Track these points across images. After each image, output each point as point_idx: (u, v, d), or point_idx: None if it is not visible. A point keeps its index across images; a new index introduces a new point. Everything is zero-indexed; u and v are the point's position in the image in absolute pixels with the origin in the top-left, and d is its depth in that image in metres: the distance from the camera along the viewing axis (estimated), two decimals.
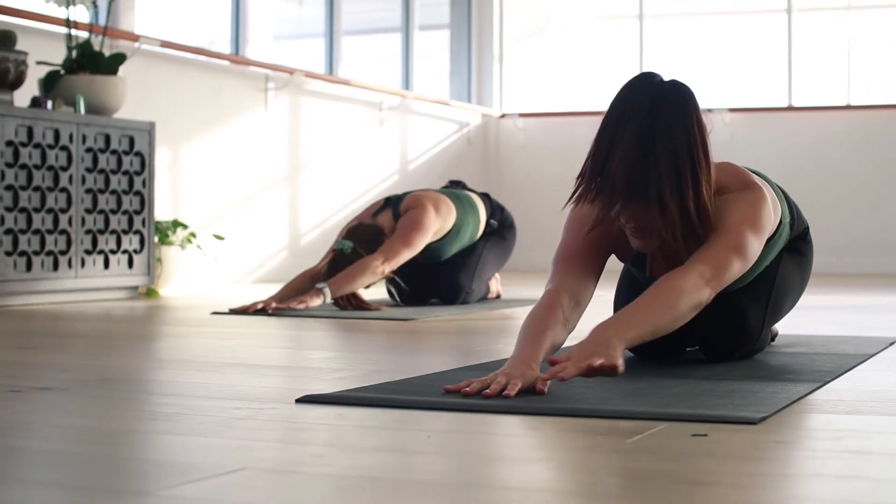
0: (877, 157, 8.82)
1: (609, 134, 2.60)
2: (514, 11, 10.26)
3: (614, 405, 2.27)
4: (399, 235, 5.08)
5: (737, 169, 2.85)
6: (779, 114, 9.28)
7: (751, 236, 2.69)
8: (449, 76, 10.16)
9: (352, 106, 8.42)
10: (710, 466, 1.76)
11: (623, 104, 2.62)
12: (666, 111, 2.59)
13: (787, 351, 3.29)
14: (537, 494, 1.57)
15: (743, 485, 1.62)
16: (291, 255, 7.77)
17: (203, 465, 1.73)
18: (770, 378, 2.72)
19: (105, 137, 5.54)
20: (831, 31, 9.44)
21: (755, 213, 2.73)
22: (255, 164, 7.47)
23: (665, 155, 2.56)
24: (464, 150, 9.78)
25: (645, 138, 2.57)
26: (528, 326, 2.58)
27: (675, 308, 2.52)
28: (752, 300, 3.05)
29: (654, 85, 2.65)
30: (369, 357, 3.29)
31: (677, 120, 2.59)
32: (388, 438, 2.01)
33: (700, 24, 9.84)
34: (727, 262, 2.62)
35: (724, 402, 2.32)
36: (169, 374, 2.92)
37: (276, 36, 8.11)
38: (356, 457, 1.82)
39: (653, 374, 2.78)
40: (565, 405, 2.26)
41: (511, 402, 2.27)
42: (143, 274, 5.75)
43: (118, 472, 1.70)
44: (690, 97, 2.65)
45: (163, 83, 6.68)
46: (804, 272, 3.20)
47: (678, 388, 2.54)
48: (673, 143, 2.57)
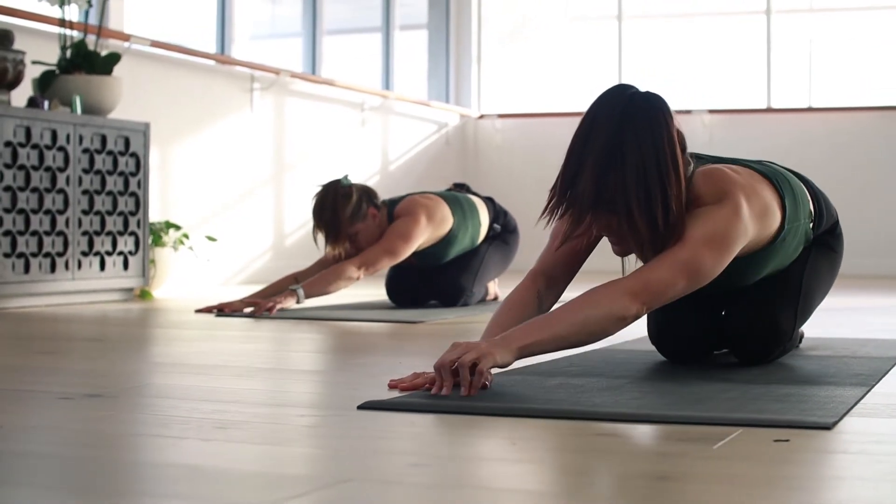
0: (855, 158, 8.88)
1: (578, 148, 2.59)
2: (493, 12, 10.26)
3: (683, 410, 2.27)
4: (383, 243, 5.06)
5: (722, 176, 2.78)
6: (757, 115, 9.33)
7: (706, 255, 2.65)
8: (427, 77, 10.14)
9: (334, 106, 8.40)
10: (804, 471, 1.76)
11: (593, 118, 2.61)
12: (635, 124, 2.57)
13: (814, 354, 3.30)
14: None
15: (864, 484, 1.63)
16: (276, 257, 7.73)
17: (310, 476, 1.72)
18: (813, 382, 2.72)
19: (101, 138, 5.49)
20: (809, 33, 9.49)
21: (719, 230, 2.68)
22: (242, 165, 7.43)
23: (633, 169, 2.55)
24: (442, 150, 9.77)
25: (613, 153, 2.55)
26: (496, 315, 2.76)
27: (582, 320, 2.51)
28: (782, 300, 3.05)
29: (625, 98, 2.62)
30: (397, 361, 3.27)
31: (646, 133, 2.57)
32: (474, 446, 2.00)
33: (679, 26, 9.88)
34: (667, 279, 2.60)
35: (788, 407, 2.32)
36: (207, 380, 2.89)
37: (253, 36, 8.06)
38: (455, 466, 1.80)
39: (696, 378, 2.78)
40: (629, 410, 2.26)
41: (580, 407, 2.28)
42: (138, 276, 5.70)
43: (236, 484, 1.67)
44: (661, 109, 2.62)
45: (151, 83, 6.63)
46: (833, 266, 3.19)
47: (730, 392, 2.54)
48: (641, 156, 2.55)
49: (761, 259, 2.93)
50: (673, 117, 2.64)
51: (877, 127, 8.97)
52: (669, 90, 9.72)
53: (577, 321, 2.51)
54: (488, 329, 2.75)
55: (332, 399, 2.56)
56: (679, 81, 9.80)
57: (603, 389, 2.57)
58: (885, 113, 8.98)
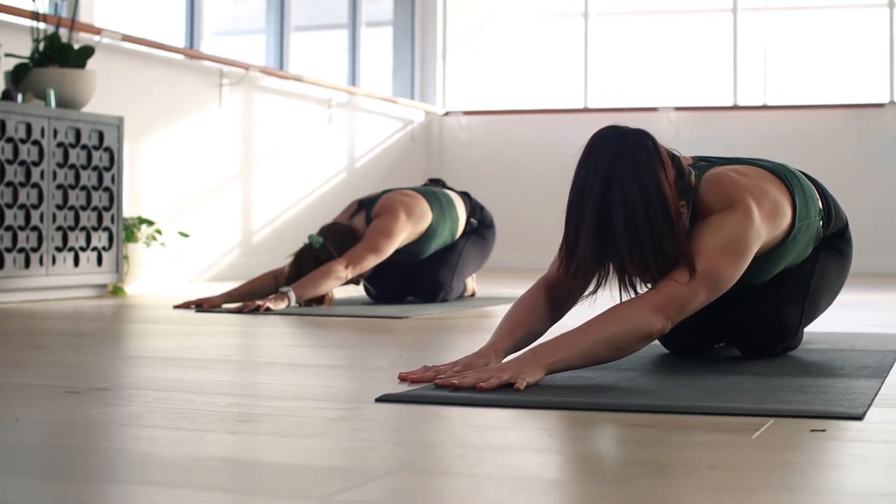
0: (822, 156, 8.92)
1: (574, 214, 2.61)
2: (458, 9, 10.23)
3: (709, 402, 2.26)
4: (366, 241, 5.03)
5: (729, 183, 2.79)
6: (724, 112, 9.36)
7: (724, 263, 2.66)
8: (392, 74, 10.10)
9: (302, 103, 8.34)
10: (848, 460, 1.74)
11: (584, 179, 2.60)
12: (622, 179, 2.55)
13: (813, 348, 3.29)
14: (721, 492, 1.54)
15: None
16: (244, 254, 7.67)
17: (359, 468, 1.68)
18: (825, 374, 2.72)
19: (76, 132, 5.42)
20: (777, 30, 9.53)
21: (733, 237, 2.69)
22: (211, 161, 7.36)
23: (622, 230, 2.54)
24: (408, 147, 9.74)
25: (603, 216, 2.56)
26: (506, 316, 2.74)
27: (609, 338, 2.50)
28: (789, 298, 3.05)
29: (611, 152, 2.59)
30: (397, 354, 3.24)
31: (632, 186, 2.55)
32: (511, 437, 1.97)
33: (646, 23, 9.89)
34: (688, 292, 2.60)
35: (811, 398, 2.31)
36: (211, 374, 2.85)
37: (216, 32, 7.98)
38: (498, 457, 1.78)
39: (707, 371, 2.77)
40: (655, 401, 2.25)
41: (609, 399, 2.28)
42: (111, 272, 5.63)
43: (289, 477, 1.64)
44: (646, 153, 2.59)
45: (121, 77, 6.55)
46: (842, 270, 3.19)
47: (746, 384, 2.53)
48: (631, 212, 2.54)
49: (774, 258, 2.92)
50: (660, 155, 2.61)
51: (844, 125, 9.02)
52: (635, 88, 9.74)
53: (604, 338, 2.50)
54: (500, 328, 2.72)
55: (346, 392, 2.53)
56: (645, 79, 9.81)
57: (616, 382, 2.55)
58: (851, 111, 9.03)
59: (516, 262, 9.03)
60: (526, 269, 8.87)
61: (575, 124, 9.59)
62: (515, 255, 8.97)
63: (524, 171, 9.66)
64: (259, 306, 4.64)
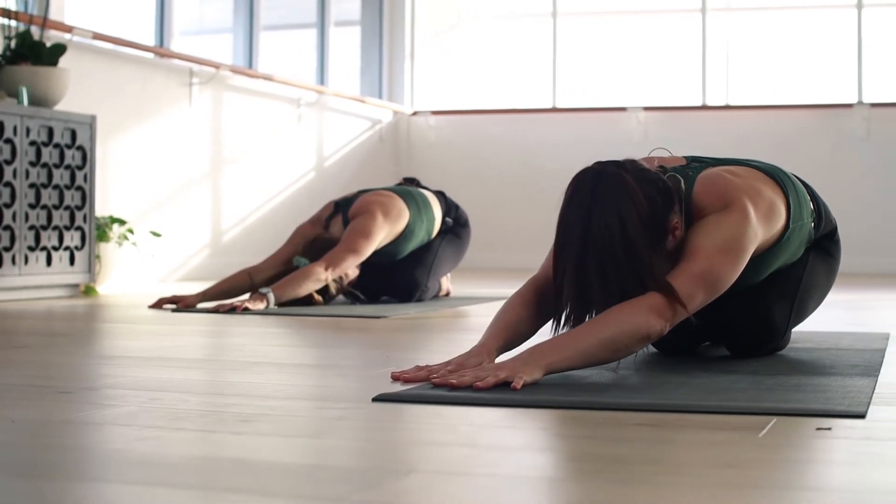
0: (793, 156, 8.95)
1: (559, 263, 2.61)
2: (426, 8, 10.21)
3: (709, 401, 2.26)
4: (345, 243, 5.01)
5: (723, 184, 2.80)
6: (693, 112, 9.38)
7: (721, 264, 2.67)
8: (360, 73, 10.07)
9: (271, 102, 8.30)
10: (859, 458, 1.74)
11: (564, 231, 2.60)
12: (599, 234, 2.55)
13: (799, 346, 3.30)
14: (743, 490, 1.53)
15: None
16: (214, 253, 7.63)
17: (371, 468, 1.67)
18: (817, 373, 2.72)
19: (48, 130, 5.37)
20: (748, 30, 9.57)
21: (730, 237, 2.70)
22: (181, 160, 7.31)
23: (599, 281, 2.55)
24: (376, 147, 9.71)
25: (581, 268, 2.56)
26: (497, 315, 2.74)
27: (608, 339, 2.50)
28: (778, 298, 3.05)
29: (588, 196, 2.59)
30: (383, 354, 3.22)
31: (606, 239, 2.55)
32: (518, 438, 1.96)
33: (614, 23, 9.90)
34: (686, 294, 2.60)
35: (809, 397, 2.32)
36: (199, 373, 2.82)
37: (183, 32, 7.92)
38: (512, 457, 1.76)
39: (699, 370, 2.77)
40: (656, 400, 2.25)
41: (609, 398, 2.27)
42: (84, 271, 5.58)
43: (304, 478, 1.62)
44: (623, 188, 2.59)
45: (92, 75, 6.50)
46: (831, 272, 3.20)
47: (741, 383, 2.53)
48: (611, 258, 2.54)
49: (768, 258, 2.93)
50: (637, 191, 2.60)
51: (813, 125, 9.06)
52: (604, 88, 9.75)
53: (603, 340, 2.49)
54: (492, 327, 2.72)
55: (340, 392, 2.51)
56: (614, 79, 9.82)
57: (612, 381, 2.54)
58: (820, 111, 9.07)
59: (484, 261, 9.02)
60: (495, 269, 8.87)
61: (543, 124, 9.60)
62: (483, 255, 8.96)
63: (492, 171, 9.65)
64: (237, 307, 4.60)
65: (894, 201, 8.89)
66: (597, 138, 9.39)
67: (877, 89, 9.12)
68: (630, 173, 2.64)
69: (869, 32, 9.17)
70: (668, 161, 2.97)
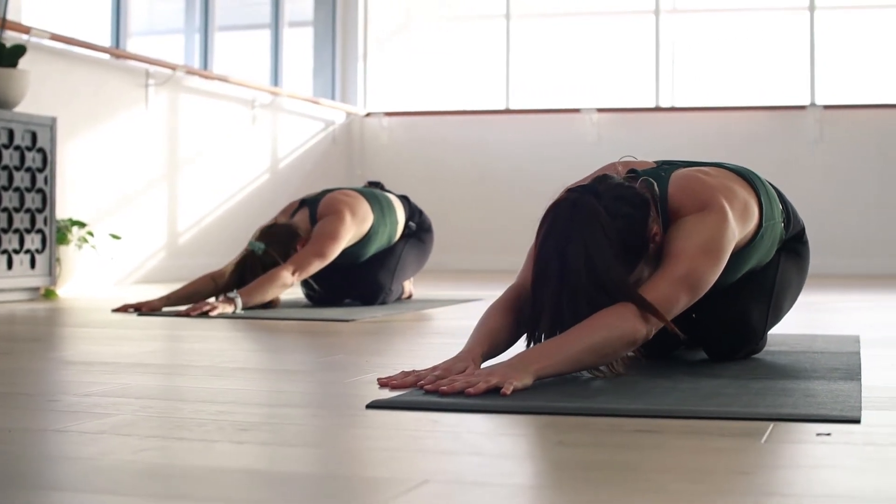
0: (746, 158, 8.97)
1: (537, 293, 2.61)
2: (379, 9, 10.19)
3: (703, 406, 2.27)
4: (312, 245, 5.00)
5: (699, 185, 2.83)
6: (646, 114, 9.43)
7: (703, 265, 2.69)
8: (313, 74, 10.04)
9: (226, 104, 8.26)
10: (871, 464, 1.76)
11: (541, 267, 2.60)
12: (574, 275, 2.56)
13: (775, 350, 3.32)
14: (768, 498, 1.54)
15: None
16: (170, 255, 7.57)
17: (385, 478, 1.66)
18: (801, 377, 2.74)
19: (9, 132, 5.31)
20: (701, 32, 9.63)
21: (709, 237, 2.72)
22: (138, 162, 7.25)
23: (573, 313, 2.55)
24: (329, 148, 9.69)
25: (558, 304, 2.57)
26: (480, 322, 2.75)
27: (596, 343, 2.52)
28: (754, 300, 3.08)
29: (561, 244, 2.59)
30: (364, 359, 3.21)
31: (581, 280, 2.56)
32: (521, 445, 1.96)
33: (568, 25, 9.92)
34: (670, 296, 2.63)
35: (800, 401, 2.33)
36: (183, 380, 2.80)
37: (136, 32, 7.86)
38: (525, 466, 1.76)
39: (683, 374, 2.78)
40: (651, 406, 2.25)
41: (601, 404, 2.28)
42: (44, 275, 5.53)
43: (319, 489, 1.61)
44: (592, 235, 2.59)
45: (50, 77, 6.43)
46: (801, 273, 3.23)
47: (728, 388, 2.54)
48: (580, 305, 2.56)
49: (742, 258, 2.95)
50: (608, 224, 2.60)
51: (766, 127, 9.14)
52: (558, 89, 9.78)
53: (591, 345, 2.51)
54: (476, 333, 2.72)
55: (331, 399, 2.49)
56: (567, 80, 9.85)
57: (600, 386, 2.55)
58: (773, 112, 9.15)
59: (439, 264, 9.02)
60: (450, 271, 8.87)
61: (497, 125, 9.61)
62: (437, 258, 8.94)
63: (446, 173, 9.66)
64: (207, 311, 4.58)
65: (847, 203, 8.98)
66: (550, 140, 9.42)
67: (830, 91, 9.21)
68: (604, 200, 2.65)
69: (821, 35, 9.25)
70: (639, 165, 2.98)
